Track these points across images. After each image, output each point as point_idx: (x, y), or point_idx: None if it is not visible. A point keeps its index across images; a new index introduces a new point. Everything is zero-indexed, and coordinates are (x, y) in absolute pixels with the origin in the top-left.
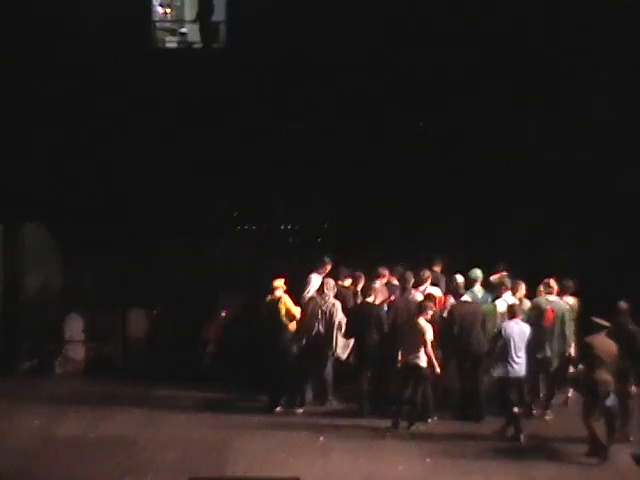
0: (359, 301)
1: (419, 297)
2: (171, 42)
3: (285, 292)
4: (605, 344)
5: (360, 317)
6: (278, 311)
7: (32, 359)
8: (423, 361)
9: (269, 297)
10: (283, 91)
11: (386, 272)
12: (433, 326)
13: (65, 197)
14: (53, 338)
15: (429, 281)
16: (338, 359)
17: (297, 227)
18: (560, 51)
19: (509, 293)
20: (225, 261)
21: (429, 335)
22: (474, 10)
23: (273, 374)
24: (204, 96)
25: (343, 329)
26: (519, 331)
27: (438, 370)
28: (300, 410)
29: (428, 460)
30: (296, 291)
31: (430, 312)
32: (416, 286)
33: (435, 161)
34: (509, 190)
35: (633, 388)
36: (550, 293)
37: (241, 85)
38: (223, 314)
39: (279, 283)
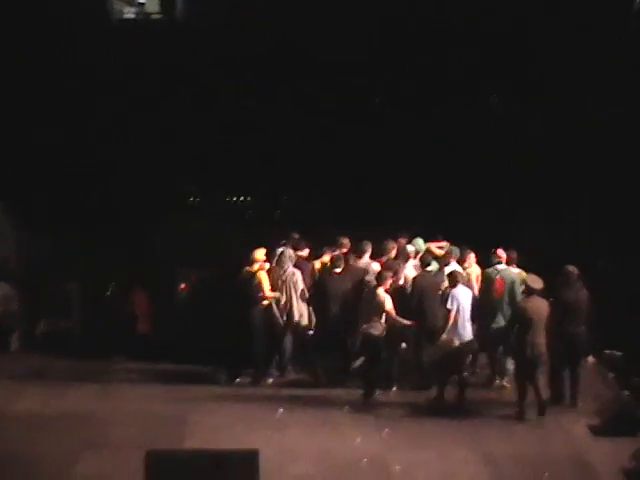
0: (329, 272)
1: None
2: (129, 13)
3: (263, 265)
4: (537, 306)
5: (324, 289)
6: (251, 284)
7: None
8: (378, 330)
9: (246, 269)
10: (243, 61)
11: (347, 242)
12: (392, 297)
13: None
14: (8, 314)
15: (369, 253)
16: (301, 328)
17: (253, 199)
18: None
19: (454, 262)
20: (180, 235)
21: (388, 305)
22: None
23: (236, 346)
24: (163, 67)
25: (306, 296)
26: (465, 297)
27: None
28: (270, 380)
29: (386, 431)
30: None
31: (388, 282)
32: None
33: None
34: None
35: (590, 358)
36: (499, 263)
37: (199, 56)
38: (182, 286)
39: (259, 256)
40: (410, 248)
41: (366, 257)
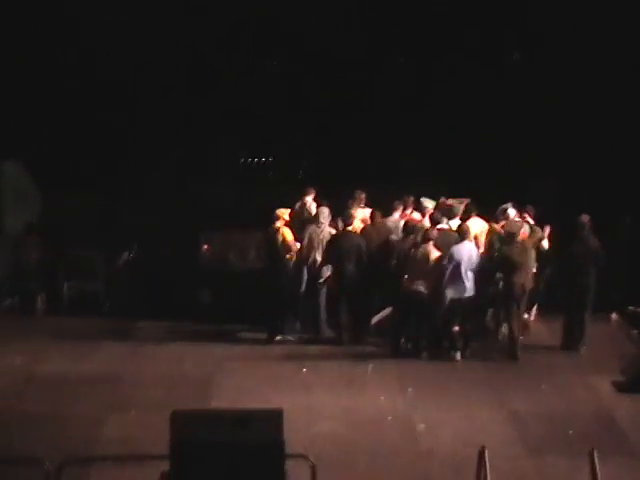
0: (340, 228)
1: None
2: None
3: (286, 224)
4: (518, 250)
5: (339, 246)
6: (276, 241)
7: (13, 297)
8: (425, 288)
9: (269, 227)
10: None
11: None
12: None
13: (43, 133)
14: (34, 276)
15: (399, 211)
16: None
17: (275, 160)
18: None
19: (457, 220)
20: (204, 198)
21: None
22: None
23: (270, 304)
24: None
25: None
26: (467, 253)
27: None
28: (278, 337)
29: (410, 390)
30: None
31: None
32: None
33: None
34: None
35: (614, 315)
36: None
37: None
38: (205, 247)
39: (281, 212)
40: (428, 205)
41: (396, 215)
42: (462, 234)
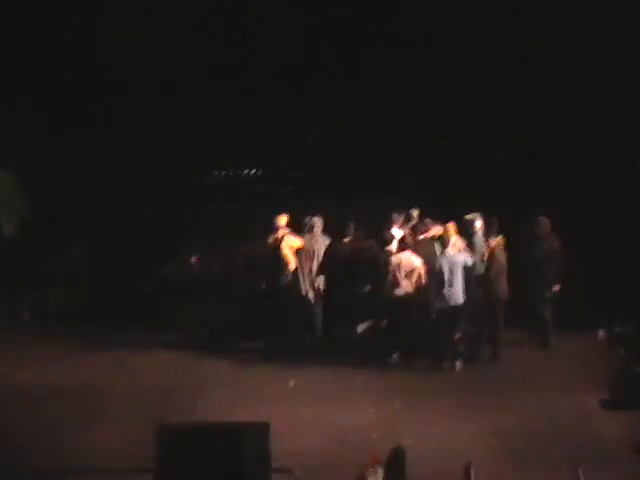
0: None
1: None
2: None
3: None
4: (502, 254)
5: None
6: (279, 250)
7: None
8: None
9: (271, 236)
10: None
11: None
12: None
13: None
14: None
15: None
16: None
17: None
18: None
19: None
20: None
21: None
22: None
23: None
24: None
25: None
26: (449, 262)
27: None
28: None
29: (396, 404)
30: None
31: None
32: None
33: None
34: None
35: (601, 333)
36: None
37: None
38: (193, 259)
39: (282, 222)
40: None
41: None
42: (444, 244)
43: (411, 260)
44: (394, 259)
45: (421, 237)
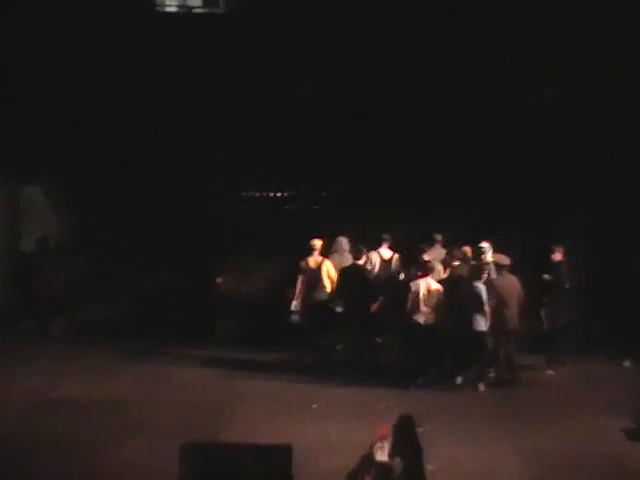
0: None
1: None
2: (170, 6)
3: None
4: (506, 283)
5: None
6: (320, 273)
7: (30, 320)
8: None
9: (311, 259)
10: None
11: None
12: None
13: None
14: (52, 299)
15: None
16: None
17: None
18: None
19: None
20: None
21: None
22: None
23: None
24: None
25: None
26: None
27: None
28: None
29: (422, 429)
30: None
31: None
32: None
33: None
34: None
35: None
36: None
37: (240, 51)
38: (219, 280)
39: (318, 244)
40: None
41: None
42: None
43: (432, 286)
44: (413, 285)
45: (456, 263)
